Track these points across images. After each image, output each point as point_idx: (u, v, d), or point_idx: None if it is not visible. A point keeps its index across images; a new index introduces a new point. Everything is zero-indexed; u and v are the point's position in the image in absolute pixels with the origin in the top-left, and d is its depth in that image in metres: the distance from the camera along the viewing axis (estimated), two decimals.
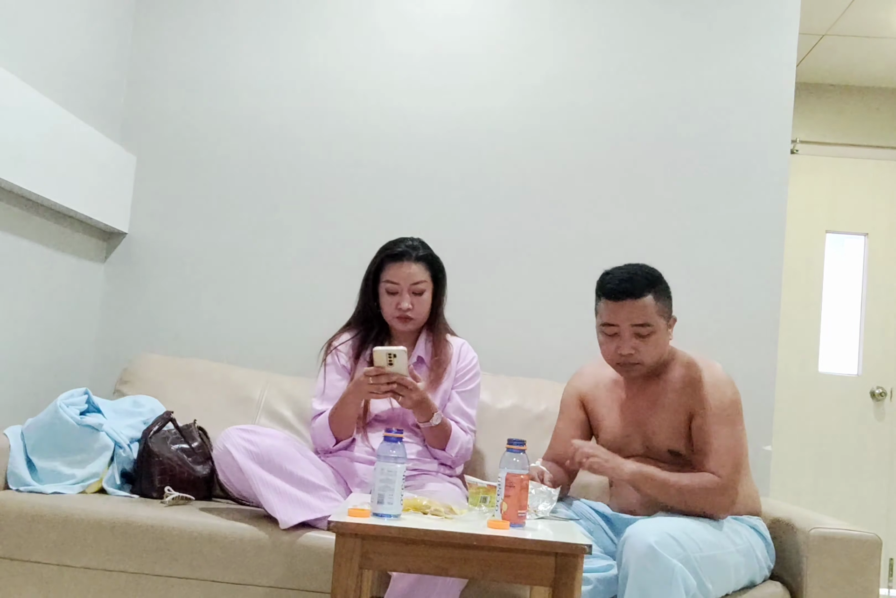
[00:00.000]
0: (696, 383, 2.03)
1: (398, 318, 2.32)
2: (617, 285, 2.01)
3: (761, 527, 2.04)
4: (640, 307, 2.00)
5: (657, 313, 2.01)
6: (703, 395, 2.00)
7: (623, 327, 2.01)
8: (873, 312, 4.24)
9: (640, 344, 2.01)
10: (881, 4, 3.61)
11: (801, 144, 4.23)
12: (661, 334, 2.03)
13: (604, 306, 2.04)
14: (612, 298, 2.01)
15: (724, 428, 1.97)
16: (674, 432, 2.04)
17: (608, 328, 2.03)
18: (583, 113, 2.98)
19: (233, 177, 2.99)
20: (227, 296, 2.94)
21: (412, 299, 2.31)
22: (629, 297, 1.99)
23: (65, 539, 2.00)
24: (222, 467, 2.07)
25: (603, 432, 2.17)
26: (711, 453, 1.95)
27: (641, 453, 2.09)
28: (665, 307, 2.05)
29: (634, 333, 2.00)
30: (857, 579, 1.94)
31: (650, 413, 2.08)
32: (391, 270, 2.32)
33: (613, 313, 2.01)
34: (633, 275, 2.02)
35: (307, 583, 1.97)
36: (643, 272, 2.04)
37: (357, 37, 3.02)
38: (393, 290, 2.31)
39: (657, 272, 2.07)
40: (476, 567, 1.56)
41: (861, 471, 4.12)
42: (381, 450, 1.65)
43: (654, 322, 2.01)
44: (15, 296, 2.47)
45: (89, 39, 2.77)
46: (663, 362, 2.10)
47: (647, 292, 2.00)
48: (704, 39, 2.99)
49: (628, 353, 2.01)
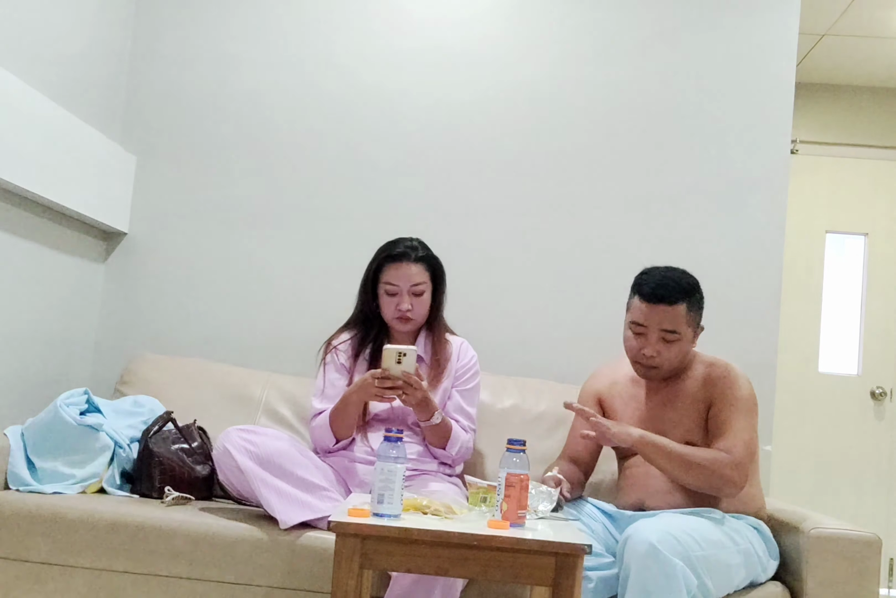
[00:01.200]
0: (716, 378, 2.08)
1: (398, 319, 2.32)
2: (653, 289, 2.03)
3: (763, 527, 2.04)
4: (672, 314, 2.02)
5: (686, 323, 2.04)
6: (723, 387, 2.05)
7: (651, 329, 2.04)
8: (873, 312, 4.24)
9: (664, 349, 2.04)
10: (881, 4, 3.61)
11: (801, 144, 4.23)
12: (686, 343, 2.07)
13: (637, 304, 2.07)
14: (647, 299, 2.04)
15: (741, 418, 2.01)
16: (691, 424, 2.07)
17: (637, 327, 2.07)
18: (583, 113, 2.98)
19: (233, 177, 2.99)
20: (227, 296, 2.94)
21: (412, 299, 2.30)
22: (663, 302, 2.02)
23: (65, 539, 2.00)
24: (222, 468, 2.07)
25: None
26: (724, 437, 1.99)
27: None
28: (696, 317, 2.08)
29: (661, 337, 2.04)
30: (857, 579, 1.94)
31: (667, 409, 2.12)
32: (390, 271, 2.31)
33: (645, 315, 2.04)
34: (671, 281, 2.05)
35: (307, 583, 1.97)
36: (682, 279, 2.07)
37: (357, 35, 3.01)
38: (392, 291, 2.31)
39: (695, 281, 2.10)
40: (476, 567, 1.56)
41: (861, 471, 4.12)
42: (381, 450, 1.65)
43: (682, 331, 2.04)
44: (15, 296, 2.47)
45: (89, 39, 2.77)
46: (682, 366, 2.14)
47: (681, 301, 2.03)
48: (704, 39, 2.99)
49: (651, 355, 2.04)
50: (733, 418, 2.01)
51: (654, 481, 2.06)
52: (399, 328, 2.36)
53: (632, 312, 2.09)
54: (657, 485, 2.06)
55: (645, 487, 2.08)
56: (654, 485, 2.06)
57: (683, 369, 2.14)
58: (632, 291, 2.11)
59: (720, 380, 2.07)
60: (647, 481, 2.08)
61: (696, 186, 2.95)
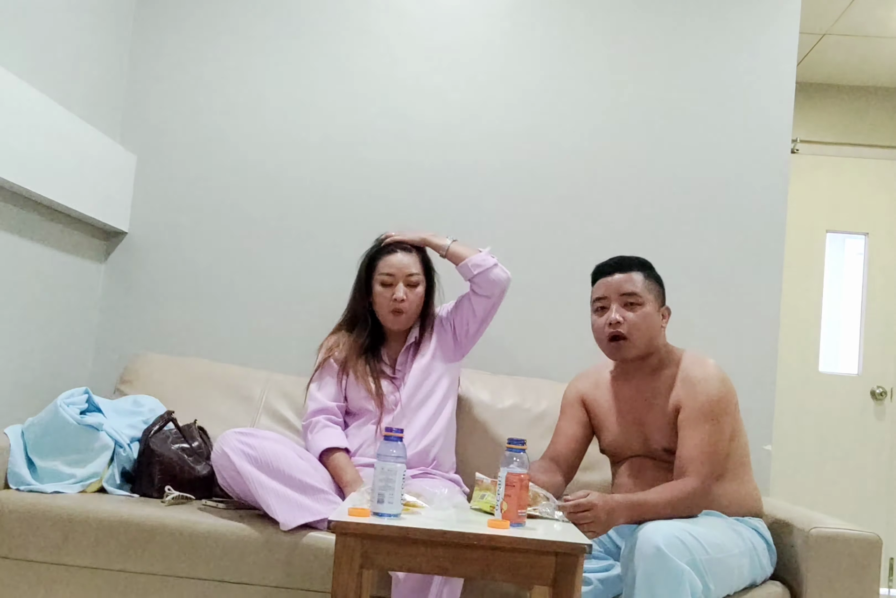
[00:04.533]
0: (685, 380, 2.05)
1: (392, 312, 2.34)
2: (606, 262, 2.16)
3: (762, 529, 2.04)
4: (628, 279, 2.09)
5: (646, 289, 2.09)
6: (693, 391, 2.02)
7: (612, 298, 2.08)
8: (873, 312, 4.24)
9: (628, 315, 2.06)
10: (881, 4, 3.61)
11: (801, 144, 4.23)
12: (651, 313, 2.08)
13: (595, 286, 2.14)
14: (602, 274, 2.13)
15: (705, 425, 1.97)
16: (668, 429, 2.05)
17: (599, 302, 2.11)
18: (583, 113, 2.98)
19: (233, 177, 2.99)
20: (227, 296, 2.94)
21: (406, 290, 2.33)
22: (617, 271, 2.11)
23: (65, 539, 2.00)
24: (221, 471, 2.07)
25: (604, 434, 2.19)
26: (692, 448, 1.96)
27: (641, 452, 2.11)
28: (654, 287, 2.12)
29: (623, 302, 2.07)
30: (857, 579, 1.93)
31: (646, 412, 2.10)
32: (385, 261, 2.35)
33: (603, 287, 2.11)
34: (621, 257, 2.16)
35: (307, 583, 1.97)
36: (632, 257, 2.17)
37: (357, 38, 3.02)
38: (388, 281, 2.33)
39: (646, 260, 2.17)
40: (476, 567, 1.56)
41: (861, 471, 4.12)
42: (382, 450, 1.65)
43: (642, 295, 2.08)
44: (15, 296, 2.47)
45: (90, 39, 2.77)
46: (659, 358, 2.11)
47: (636, 269, 2.11)
48: (705, 39, 2.99)
49: (616, 320, 2.05)
50: (698, 425, 1.98)
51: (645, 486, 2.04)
52: (392, 325, 2.37)
53: (592, 296, 2.15)
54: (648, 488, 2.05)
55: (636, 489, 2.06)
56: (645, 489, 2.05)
57: (660, 363, 2.11)
58: (592, 283, 2.17)
59: (690, 382, 2.03)
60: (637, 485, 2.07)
61: (696, 185, 2.95)
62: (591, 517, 1.76)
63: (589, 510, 1.76)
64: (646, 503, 1.89)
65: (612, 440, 2.15)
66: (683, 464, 1.96)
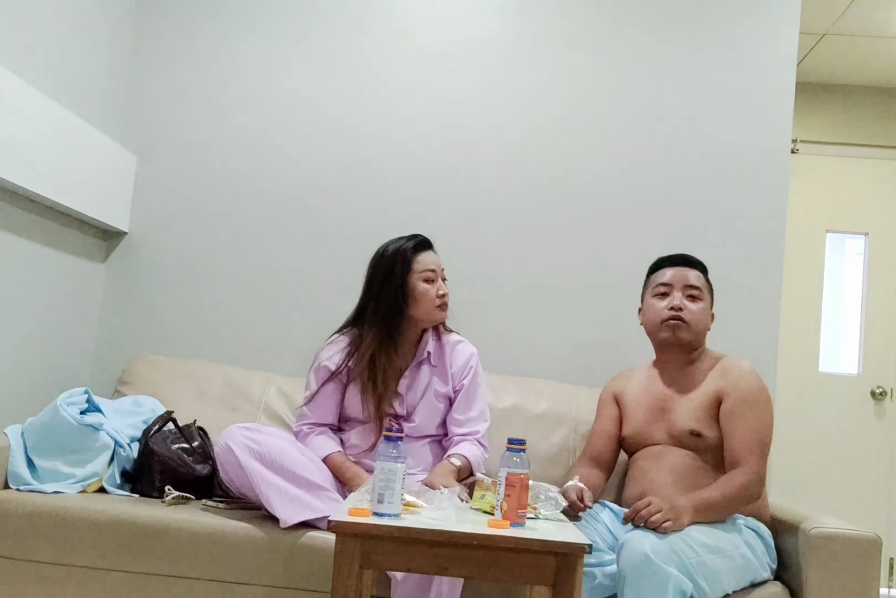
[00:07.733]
0: (726, 369, 2.15)
1: (439, 307, 2.28)
2: (674, 255, 2.29)
3: (762, 529, 2.05)
4: (694, 274, 2.23)
5: (704, 287, 2.23)
6: (735, 379, 2.11)
7: (676, 287, 2.21)
8: (873, 312, 4.24)
9: (689, 305, 2.18)
10: (881, 4, 3.61)
11: (801, 144, 4.23)
12: (705, 310, 2.22)
13: (660, 272, 2.26)
14: (671, 263, 2.26)
15: (753, 412, 2.05)
16: (699, 412, 2.10)
17: (661, 288, 2.23)
18: (583, 113, 2.98)
19: (233, 177, 2.99)
20: (227, 296, 2.94)
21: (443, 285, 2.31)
22: (685, 264, 2.26)
23: (65, 539, 2.00)
24: (224, 465, 2.07)
25: (626, 424, 2.25)
26: (740, 439, 2.02)
27: (664, 441, 2.15)
28: (710, 290, 2.26)
29: (686, 293, 2.20)
30: (857, 579, 1.93)
31: (676, 399, 2.17)
32: (425, 258, 2.28)
33: (671, 275, 2.23)
34: (687, 255, 2.31)
35: (307, 583, 1.97)
36: (696, 258, 2.31)
37: (357, 38, 3.02)
38: (431, 277, 2.28)
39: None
40: (476, 567, 1.56)
41: (861, 471, 4.12)
42: (382, 449, 1.65)
43: (704, 290, 2.22)
44: (15, 296, 2.47)
45: (90, 39, 2.77)
46: (699, 354, 2.21)
47: (699, 268, 2.27)
48: (705, 39, 2.99)
49: (678, 306, 2.17)
50: (746, 413, 2.05)
51: (657, 474, 2.10)
52: (438, 318, 2.30)
53: (654, 280, 2.26)
54: (660, 478, 2.09)
55: (648, 480, 2.11)
56: (656, 478, 2.09)
57: (699, 360, 2.20)
58: (650, 272, 2.31)
59: (731, 370, 2.13)
60: (650, 474, 2.11)
61: (696, 185, 2.95)
62: (653, 509, 1.82)
63: (649, 506, 1.82)
64: (709, 501, 1.92)
65: (635, 426, 2.22)
66: (735, 455, 2.02)
